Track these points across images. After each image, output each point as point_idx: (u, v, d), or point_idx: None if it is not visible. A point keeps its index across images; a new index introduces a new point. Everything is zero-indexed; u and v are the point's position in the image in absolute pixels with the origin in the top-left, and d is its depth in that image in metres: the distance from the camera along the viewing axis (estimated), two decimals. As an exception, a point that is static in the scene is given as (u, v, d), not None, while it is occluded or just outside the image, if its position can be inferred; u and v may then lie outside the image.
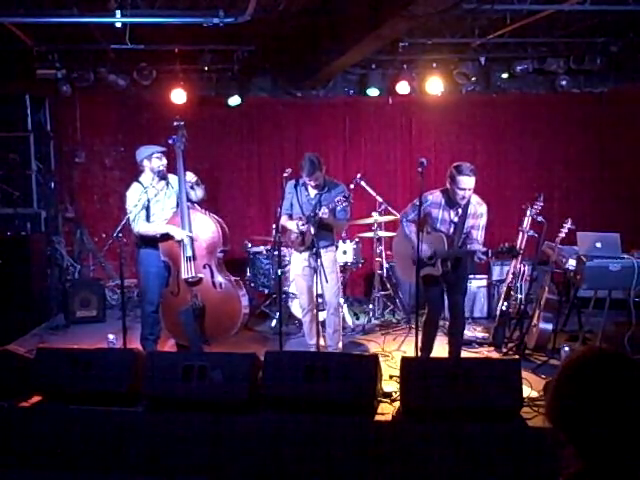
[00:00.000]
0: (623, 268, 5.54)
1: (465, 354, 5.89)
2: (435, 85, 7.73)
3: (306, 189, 5.73)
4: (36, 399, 4.54)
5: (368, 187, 7.09)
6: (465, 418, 4.05)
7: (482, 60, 7.90)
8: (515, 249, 5.07)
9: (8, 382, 4.55)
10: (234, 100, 7.81)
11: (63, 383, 4.51)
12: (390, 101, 8.23)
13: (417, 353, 5.17)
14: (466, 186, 4.95)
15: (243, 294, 5.69)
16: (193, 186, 5.59)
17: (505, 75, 8.14)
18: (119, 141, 8.26)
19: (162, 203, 5.60)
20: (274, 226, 5.71)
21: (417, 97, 8.04)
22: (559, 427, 1.51)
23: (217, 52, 7.54)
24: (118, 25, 5.68)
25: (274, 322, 6.97)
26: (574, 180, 8.32)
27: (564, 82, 7.96)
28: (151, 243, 5.55)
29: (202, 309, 5.51)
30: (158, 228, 5.51)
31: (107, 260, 8.25)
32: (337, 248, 6.13)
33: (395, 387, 4.54)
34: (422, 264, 5.10)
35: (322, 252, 5.52)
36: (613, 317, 6.18)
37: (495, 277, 7.33)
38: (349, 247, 7.06)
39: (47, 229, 7.96)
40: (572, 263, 5.85)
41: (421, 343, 5.20)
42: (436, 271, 5.15)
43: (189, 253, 5.45)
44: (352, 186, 6.82)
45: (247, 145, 8.35)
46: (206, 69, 7.81)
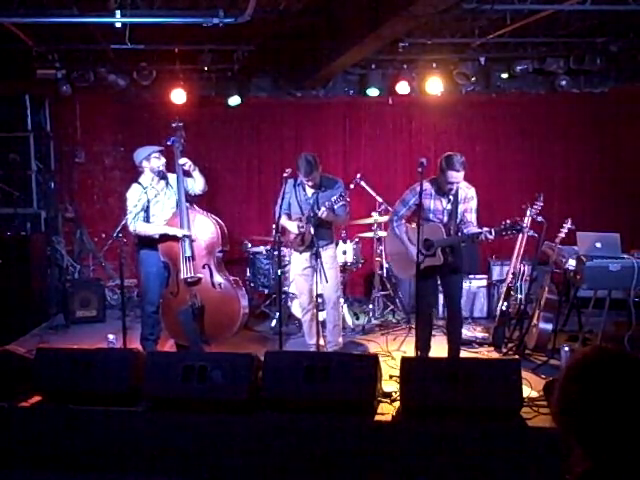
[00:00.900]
0: (623, 268, 5.54)
1: (465, 354, 5.89)
2: (435, 85, 7.73)
3: (303, 189, 5.73)
4: (36, 399, 4.55)
5: (368, 187, 7.09)
6: (465, 418, 4.06)
7: (482, 60, 7.89)
8: (518, 224, 4.95)
9: (8, 382, 4.55)
10: (234, 100, 7.81)
11: (63, 383, 4.51)
12: (390, 101, 8.22)
13: (417, 353, 5.17)
14: (455, 180, 5.04)
15: (242, 294, 5.69)
16: (190, 172, 5.55)
17: (505, 75, 8.13)
18: (119, 141, 8.26)
19: (162, 204, 5.60)
20: (274, 226, 5.71)
21: (417, 97, 8.03)
22: (566, 427, 1.50)
23: (217, 52, 7.53)
24: (118, 25, 5.67)
25: (274, 322, 6.97)
26: (574, 180, 8.31)
27: (564, 82, 7.95)
28: (150, 244, 5.55)
29: (201, 309, 5.51)
30: (156, 229, 5.51)
31: (107, 260, 8.25)
32: (337, 245, 6.14)
33: (395, 387, 4.54)
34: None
35: (321, 250, 5.52)
36: (613, 317, 6.18)
37: (495, 277, 7.33)
38: (349, 247, 7.06)
39: (47, 229, 7.97)
40: (572, 263, 5.85)
41: (418, 343, 5.22)
42: (437, 261, 5.16)
43: (188, 253, 5.46)
44: (352, 186, 6.83)
45: (247, 145, 8.34)
46: (206, 69, 7.80)
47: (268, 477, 4.06)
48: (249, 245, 7.40)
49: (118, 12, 5.45)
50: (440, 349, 5.63)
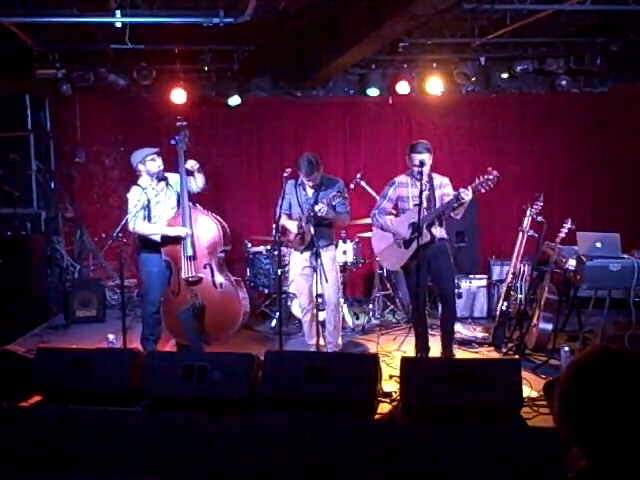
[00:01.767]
0: (623, 268, 5.54)
1: (465, 354, 5.89)
2: (435, 85, 7.73)
3: (304, 189, 5.73)
4: (36, 399, 4.55)
5: (368, 187, 7.08)
6: (465, 418, 4.06)
7: (482, 60, 7.90)
8: (490, 173, 5.06)
9: (8, 382, 4.55)
10: (234, 100, 7.81)
11: (63, 383, 4.51)
12: (390, 101, 8.22)
13: (418, 354, 5.18)
14: (420, 160, 5.24)
15: (243, 294, 5.69)
16: (194, 173, 5.57)
17: (505, 75, 8.14)
18: (119, 141, 8.25)
19: (163, 204, 5.59)
20: (274, 226, 5.71)
21: (417, 97, 8.03)
22: (567, 428, 1.50)
23: (217, 52, 7.54)
24: (118, 25, 5.67)
25: (274, 322, 6.97)
26: (574, 180, 8.31)
27: (564, 82, 7.95)
28: (153, 245, 5.54)
29: (202, 309, 5.51)
30: (156, 229, 5.50)
31: (107, 260, 8.25)
32: (337, 247, 6.14)
33: (395, 387, 4.54)
34: (409, 242, 5.36)
35: (322, 251, 5.52)
36: (613, 317, 6.18)
37: (495, 277, 7.33)
38: (349, 247, 7.06)
39: (47, 229, 7.96)
40: (572, 263, 5.85)
41: (415, 342, 5.24)
42: (426, 237, 5.28)
43: (190, 252, 5.45)
44: (352, 186, 6.83)
45: (247, 145, 8.34)
46: (206, 69, 7.81)
47: (268, 477, 4.06)
48: (249, 245, 7.40)
49: (118, 12, 5.45)
50: (439, 349, 5.62)
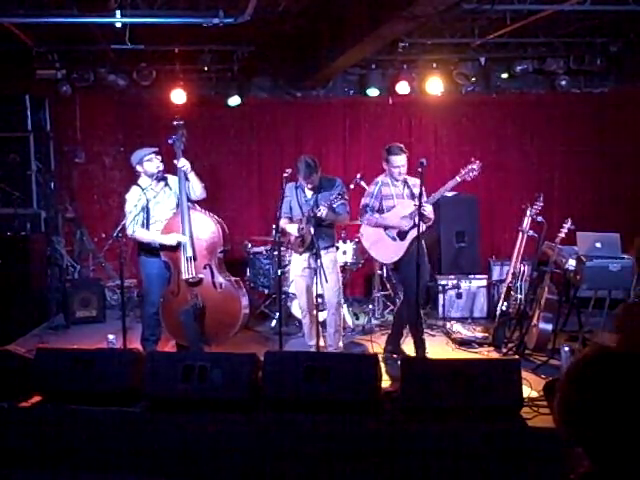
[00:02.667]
0: (623, 268, 5.54)
1: (465, 354, 5.90)
2: (435, 85, 7.73)
3: (303, 191, 5.73)
4: (36, 399, 4.55)
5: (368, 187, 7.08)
6: (465, 418, 4.06)
7: (482, 60, 7.89)
8: (473, 162, 5.37)
9: (8, 382, 4.55)
10: (234, 100, 7.81)
11: (63, 383, 4.51)
12: (390, 101, 8.22)
13: (417, 352, 5.18)
14: (399, 163, 5.52)
15: (243, 294, 5.69)
16: (186, 175, 5.50)
17: (505, 75, 8.13)
18: (119, 141, 8.25)
19: (162, 205, 5.58)
20: (274, 226, 5.70)
21: (417, 97, 8.03)
22: (567, 428, 1.50)
23: (217, 52, 7.54)
24: (118, 25, 5.68)
25: (274, 322, 6.97)
26: (574, 180, 8.31)
27: (564, 82, 7.96)
28: (152, 248, 5.52)
29: (202, 309, 5.50)
30: (153, 237, 5.48)
31: (107, 260, 8.24)
32: (337, 249, 6.13)
33: (395, 387, 4.54)
34: (405, 233, 5.48)
35: (322, 253, 5.51)
36: (613, 317, 6.17)
37: (495, 277, 7.33)
38: (349, 247, 7.06)
39: (47, 229, 7.95)
40: (572, 263, 5.85)
41: (414, 342, 5.25)
42: (422, 227, 5.40)
43: (189, 253, 5.44)
44: (352, 186, 6.81)
45: (247, 145, 8.34)
46: (206, 69, 7.80)
47: (268, 477, 4.06)
48: (249, 245, 7.40)
49: (118, 12, 5.46)
50: (440, 349, 5.63)
